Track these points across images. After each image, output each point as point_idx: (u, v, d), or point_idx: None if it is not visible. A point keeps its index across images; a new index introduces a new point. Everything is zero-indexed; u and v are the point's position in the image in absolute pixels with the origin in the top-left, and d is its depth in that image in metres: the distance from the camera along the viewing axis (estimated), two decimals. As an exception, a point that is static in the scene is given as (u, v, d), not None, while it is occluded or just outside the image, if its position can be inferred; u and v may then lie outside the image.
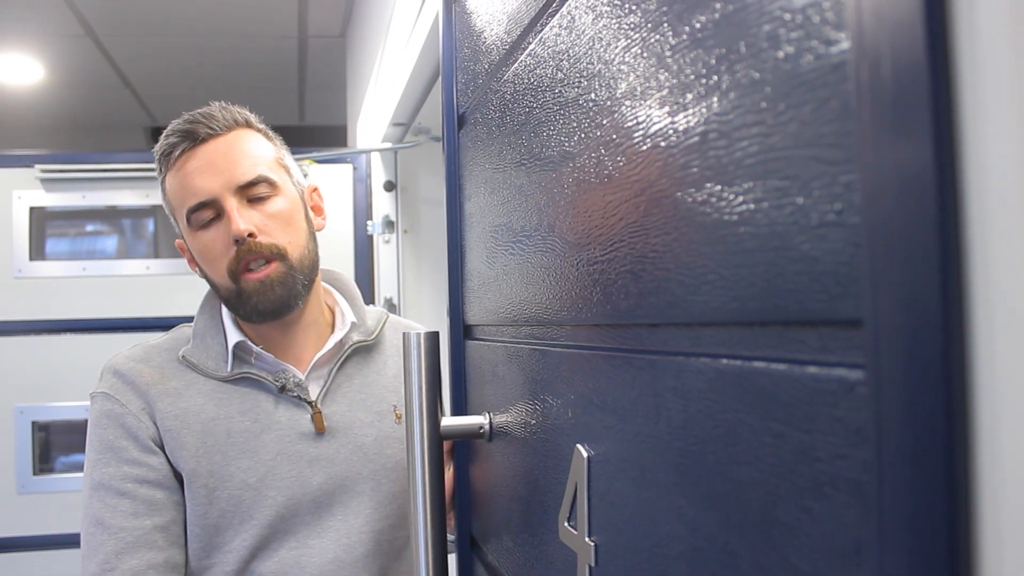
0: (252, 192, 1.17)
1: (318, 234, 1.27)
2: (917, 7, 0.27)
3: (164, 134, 1.21)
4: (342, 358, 1.26)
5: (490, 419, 0.91)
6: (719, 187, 0.39)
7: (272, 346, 1.23)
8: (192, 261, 1.26)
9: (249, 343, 1.21)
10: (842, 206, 0.31)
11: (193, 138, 1.18)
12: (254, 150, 1.20)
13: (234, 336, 1.21)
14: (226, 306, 1.23)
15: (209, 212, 1.17)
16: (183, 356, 1.21)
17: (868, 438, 0.29)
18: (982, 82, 0.26)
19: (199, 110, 1.21)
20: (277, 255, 1.17)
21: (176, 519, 1.16)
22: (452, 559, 1.00)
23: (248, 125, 1.23)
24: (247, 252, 1.15)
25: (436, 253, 2.60)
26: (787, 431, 0.34)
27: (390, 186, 2.60)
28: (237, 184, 1.16)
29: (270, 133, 1.26)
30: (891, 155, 0.28)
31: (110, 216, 2.94)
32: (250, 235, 1.15)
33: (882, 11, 0.28)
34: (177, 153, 1.18)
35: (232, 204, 1.16)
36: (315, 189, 1.30)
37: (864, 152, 0.29)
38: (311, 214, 1.27)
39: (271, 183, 1.19)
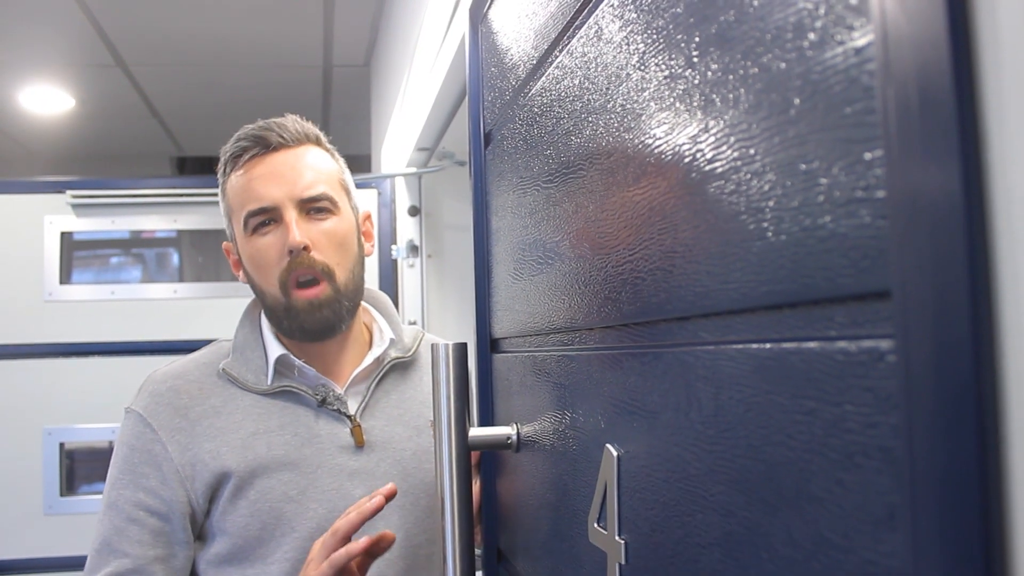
0: (312, 207, 1.20)
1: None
2: (940, -14, 0.28)
3: (235, 137, 1.23)
4: (380, 374, 1.28)
5: (517, 429, 0.91)
6: (748, 175, 0.41)
7: (311, 360, 1.24)
8: (237, 265, 1.28)
9: (292, 357, 1.22)
10: (868, 182, 0.32)
11: (264, 145, 1.20)
12: (320, 167, 1.23)
13: (276, 350, 1.22)
14: (269, 317, 1.24)
15: (267, 219, 1.19)
16: (223, 369, 1.22)
17: (898, 404, 0.30)
18: (1002, 53, 0.27)
19: (274, 119, 1.24)
20: (325, 274, 1.19)
21: (177, 553, 1.18)
22: None
23: (318, 142, 1.26)
24: (298, 264, 1.17)
25: (460, 278, 2.62)
26: (818, 406, 0.35)
27: (414, 211, 2.62)
28: (300, 197, 1.19)
29: (336, 154, 1.29)
30: (916, 129, 0.29)
31: (138, 241, 2.98)
32: (305, 248, 1.17)
33: (906, -8, 0.30)
34: (246, 157, 1.20)
35: (292, 215, 1.18)
36: (368, 216, 1.32)
37: (889, 128, 0.30)
38: (362, 239, 1.28)
39: (332, 202, 1.21)
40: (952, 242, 0.28)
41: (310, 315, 1.18)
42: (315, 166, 1.22)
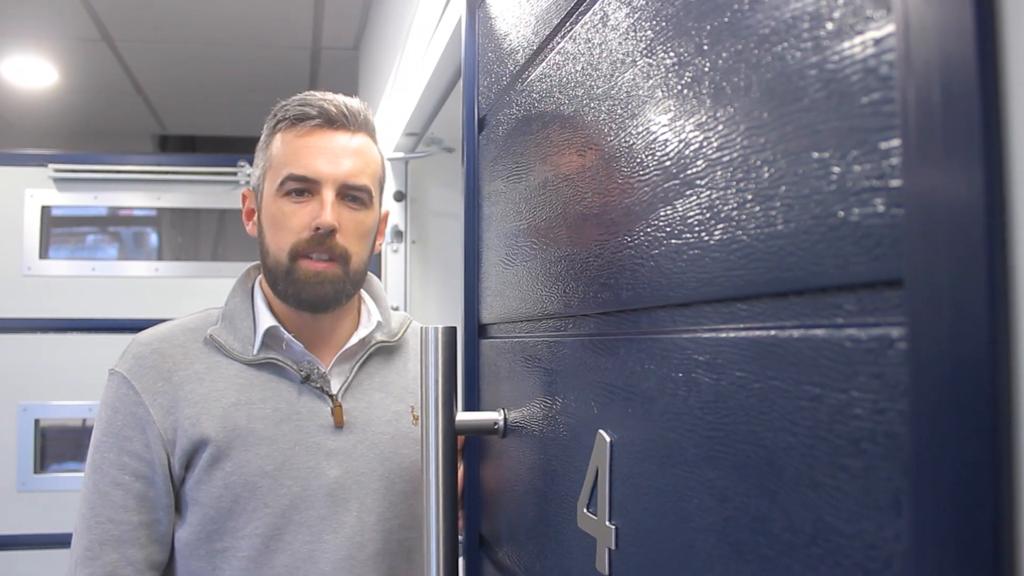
0: (350, 194, 1.22)
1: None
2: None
3: (300, 100, 1.25)
4: (365, 356, 1.29)
5: (504, 415, 0.92)
6: (759, 163, 0.41)
7: (299, 335, 1.25)
8: (251, 214, 1.30)
9: (281, 329, 1.23)
10: (883, 171, 0.32)
11: (328, 120, 1.23)
12: (369, 159, 1.26)
13: (267, 320, 1.23)
14: (267, 278, 1.25)
15: (304, 188, 1.20)
16: (210, 335, 1.23)
17: (908, 391, 0.30)
18: (1028, 46, 0.27)
19: (343, 97, 1.26)
20: (342, 257, 1.21)
21: (161, 519, 1.19)
22: (461, 563, 1.01)
23: (372, 136, 1.29)
24: (320, 242, 1.19)
25: (444, 264, 2.61)
26: (823, 393, 0.35)
27: (400, 196, 2.61)
28: (343, 182, 1.21)
29: (380, 150, 1.32)
30: (938, 120, 0.29)
31: (121, 219, 2.96)
32: (332, 231, 1.19)
33: (930, -18, 0.30)
34: (308, 124, 1.22)
35: (330, 196, 1.20)
36: (387, 215, 1.35)
37: (908, 118, 0.31)
38: (376, 236, 1.31)
39: (369, 195, 1.24)
40: (971, 232, 0.28)
41: (313, 287, 1.20)
42: (365, 157, 1.25)
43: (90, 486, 1.18)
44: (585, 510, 0.65)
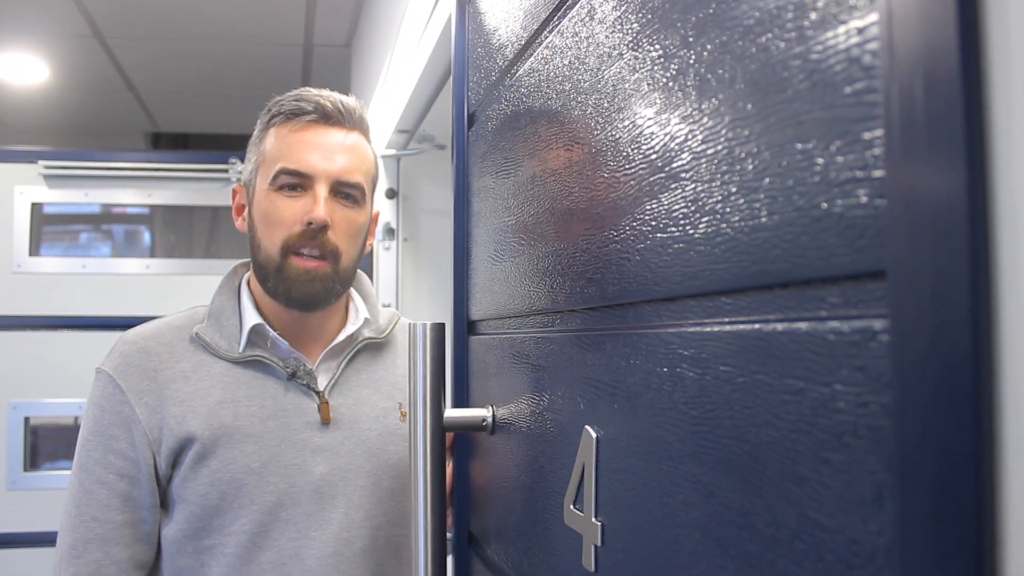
0: (343, 191, 1.22)
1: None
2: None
3: (296, 95, 1.25)
4: (352, 352, 1.28)
5: (493, 412, 0.91)
6: (743, 155, 0.40)
7: (285, 332, 1.24)
8: (241, 209, 1.29)
9: (267, 327, 1.23)
10: (866, 162, 0.32)
11: (324, 116, 1.22)
12: (363, 157, 1.26)
13: (252, 318, 1.23)
14: (257, 275, 1.25)
15: (297, 183, 1.20)
16: (196, 334, 1.23)
17: (891, 383, 0.30)
18: (1011, 34, 0.27)
19: (339, 95, 1.26)
20: (332, 255, 1.21)
21: (145, 518, 1.19)
22: (450, 560, 1.00)
23: (366, 135, 1.29)
24: (312, 237, 1.19)
25: (435, 262, 2.61)
26: (807, 386, 0.35)
27: (392, 194, 2.60)
28: (337, 178, 1.21)
29: (373, 148, 1.31)
30: (920, 110, 0.29)
31: (111, 215, 2.95)
32: (324, 226, 1.18)
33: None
34: (304, 119, 1.22)
35: (323, 191, 1.20)
36: (377, 215, 1.35)
37: (891, 108, 0.30)
38: (367, 236, 1.30)
39: (362, 192, 1.24)
40: (954, 223, 0.28)
41: (303, 285, 1.20)
42: (359, 155, 1.25)
43: (76, 484, 1.18)
44: (572, 506, 0.64)
